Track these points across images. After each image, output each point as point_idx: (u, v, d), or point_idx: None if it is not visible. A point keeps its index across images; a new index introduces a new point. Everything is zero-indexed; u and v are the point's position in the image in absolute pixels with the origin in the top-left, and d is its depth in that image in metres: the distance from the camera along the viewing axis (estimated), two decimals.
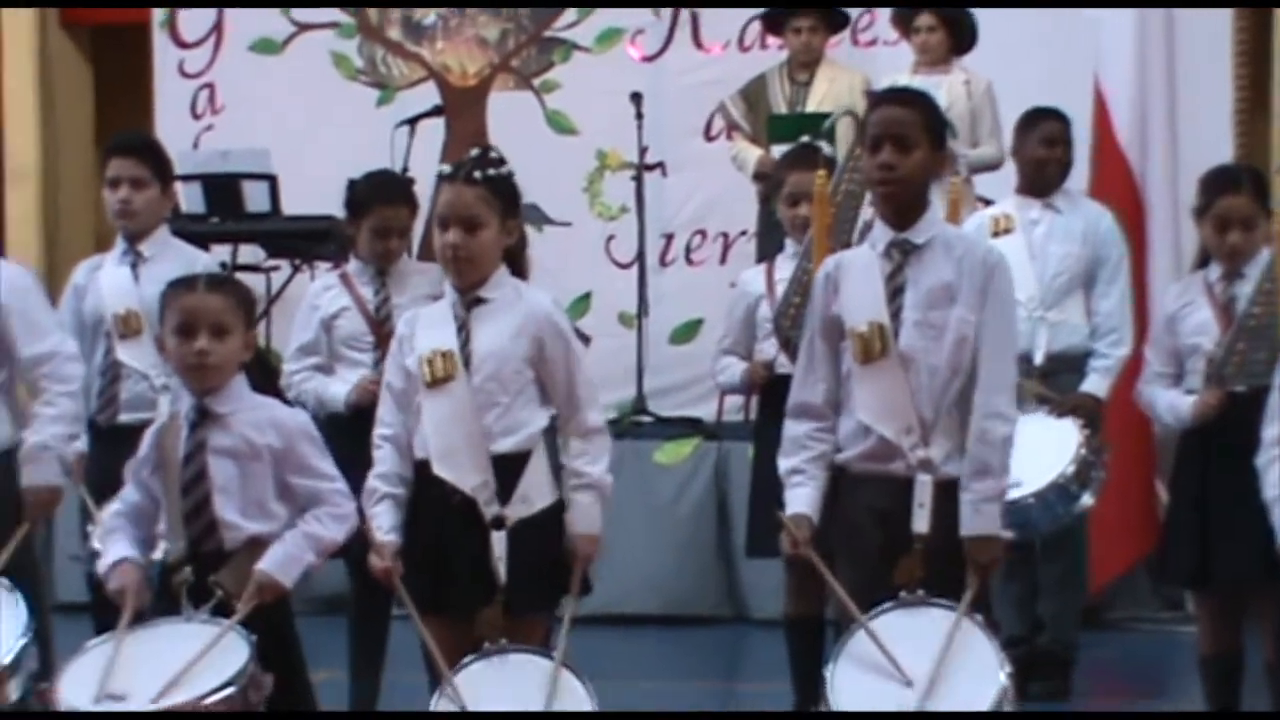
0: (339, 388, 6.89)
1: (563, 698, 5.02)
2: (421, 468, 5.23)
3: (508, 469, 5.22)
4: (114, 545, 4.70)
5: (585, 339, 6.89)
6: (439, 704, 5.00)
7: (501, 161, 5.28)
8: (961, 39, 9.17)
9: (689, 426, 10.13)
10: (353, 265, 7.14)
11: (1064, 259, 7.56)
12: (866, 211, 6.42)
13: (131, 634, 4.53)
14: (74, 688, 4.45)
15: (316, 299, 7.10)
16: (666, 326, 10.77)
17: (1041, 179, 7.61)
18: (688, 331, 10.77)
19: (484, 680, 5.06)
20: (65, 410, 5.56)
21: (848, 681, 4.82)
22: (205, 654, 4.48)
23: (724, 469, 9.83)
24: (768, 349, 6.91)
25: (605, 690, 5.06)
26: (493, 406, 5.21)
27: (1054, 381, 7.29)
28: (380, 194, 7.01)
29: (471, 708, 4.96)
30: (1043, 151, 7.61)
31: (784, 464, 5.13)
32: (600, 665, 5.19)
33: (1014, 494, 5.76)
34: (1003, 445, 5.00)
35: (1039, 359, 7.31)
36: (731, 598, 9.89)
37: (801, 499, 5.07)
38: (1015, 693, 4.82)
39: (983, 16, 9.26)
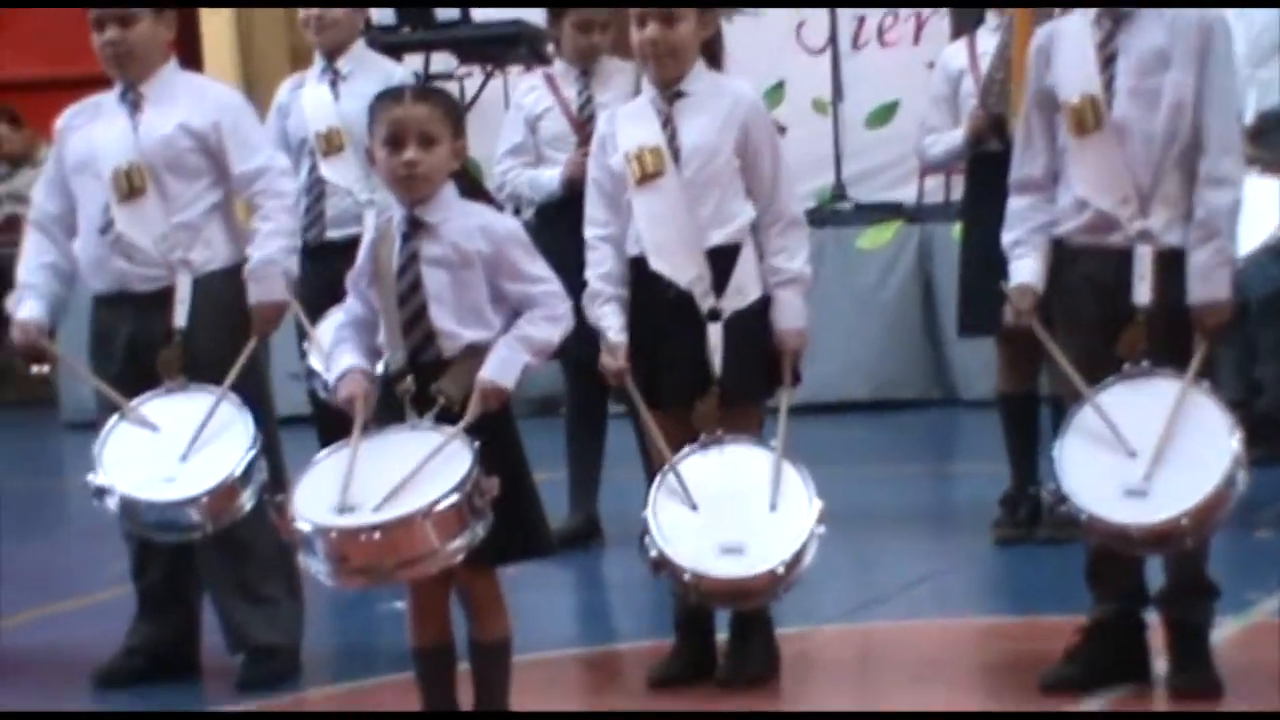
0: (551, 173, 6.95)
1: (785, 487, 5.06)
2: (635, 264, 5.27)
3: (721, 261, 5.24)
4: (342, 356, 4.76)
5: (780, 129, 6.86)
6: (662, 494, 5.05)
7: None
8: None
9: (890, 211, 10.08)
10: (557, 66, 7.17)
11: (1272, 15, 7.38)
12: None
13: (363, 444, 4.61)
14: (308, 501, 4.55)
15: (521, 99, 7.18)
16: (862, 110, 10.68)
17: None
18: (884, 114, 10.66)
19: (702, 471, 5.11)
20: (284, 225, 5.63)
21: (1077, 457, 4.82)
22: (430, 461, 4.55)
23: (927, 251, 9.79)
24: (959, 138, 6.82)
25: (817, 478, 5.10)
26: (705, 199, 5.22)
27: (1264, 141, 7.15)
28: None
29: (692, 496, 5.01)
30: None
31: (1007, 237, 5.10)
32: (810, 452, 5.22)
33: None
34: (1230, 210, 4.93)
35: (1248, 118, 7.16)
36: (940, 380, 9.89)
37: (1025, 270, 5.04)
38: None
39: None
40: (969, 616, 6.13)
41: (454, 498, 4.50)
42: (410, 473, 4.52)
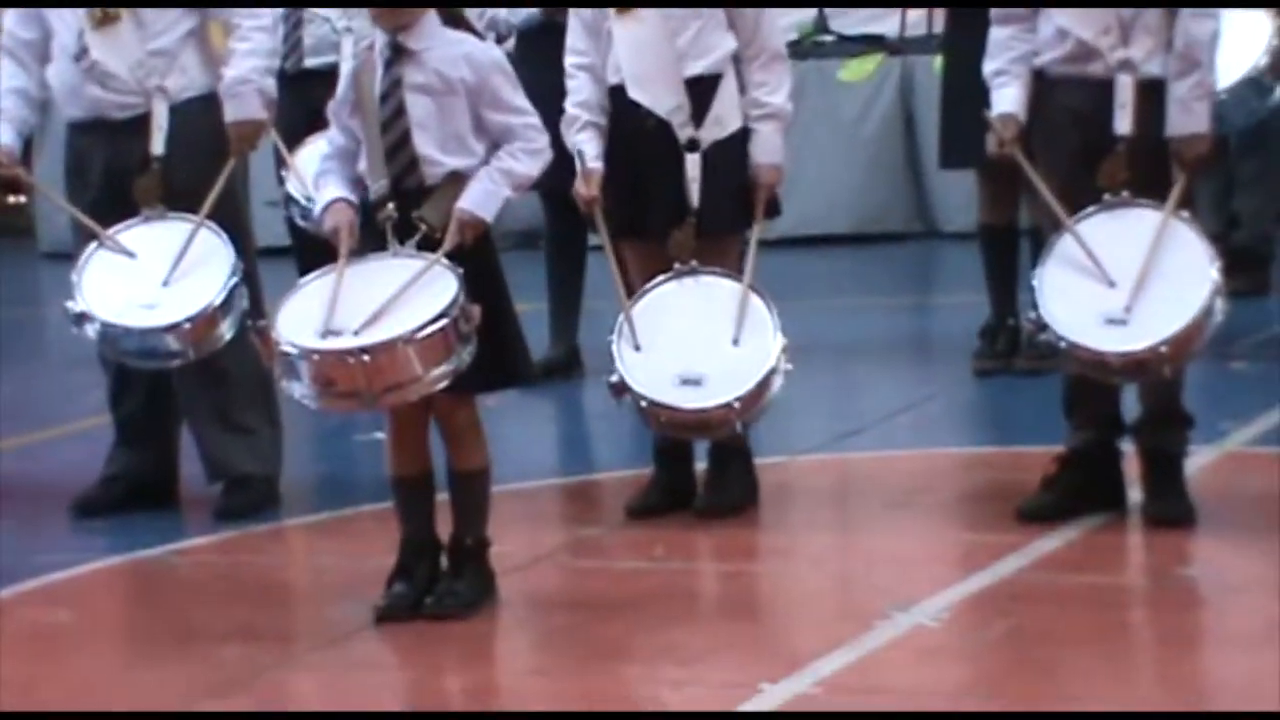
0: None
1: (748, 320, 5.07)
2: (614, 93, 5.24)
3: (700, 92, 5.22)
4: (326, 187, 4.76)
5: None
6: (620, 341, 5.07)
7: None
8: None
9: (872, 43, 10.02)
10: None
11: None
12: None
13: (347, 270, 4.61)
14: (293, 325, 4.55)
15: None
16: None
17: None
18: None
19: (674, 299, 5.12)
20: (260, 44, 5.58)
21: (1058, 285, 4.83)
22: (412, 285, 4.55)
23: (909, 83, 9.75)
24: None
25: (797, 311, 5.11)
26: (684, 29, 5.19)
27: None
28: None
29: (657, 330, 5.02)
30: None
31: (989, 66, 5.09)
32: (793, 285, 5.25)
33: None
34: (1210, 40, 4.93)
35: None
36: (921, 212, 9.89)
37: (1007, 99, 5.03)
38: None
39: None
40: (947, 446, 6.17)
41: (441, 322, 4.51)
42: (391, 296, 4.53)
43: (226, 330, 5.40)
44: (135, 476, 5.77)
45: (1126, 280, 4.78)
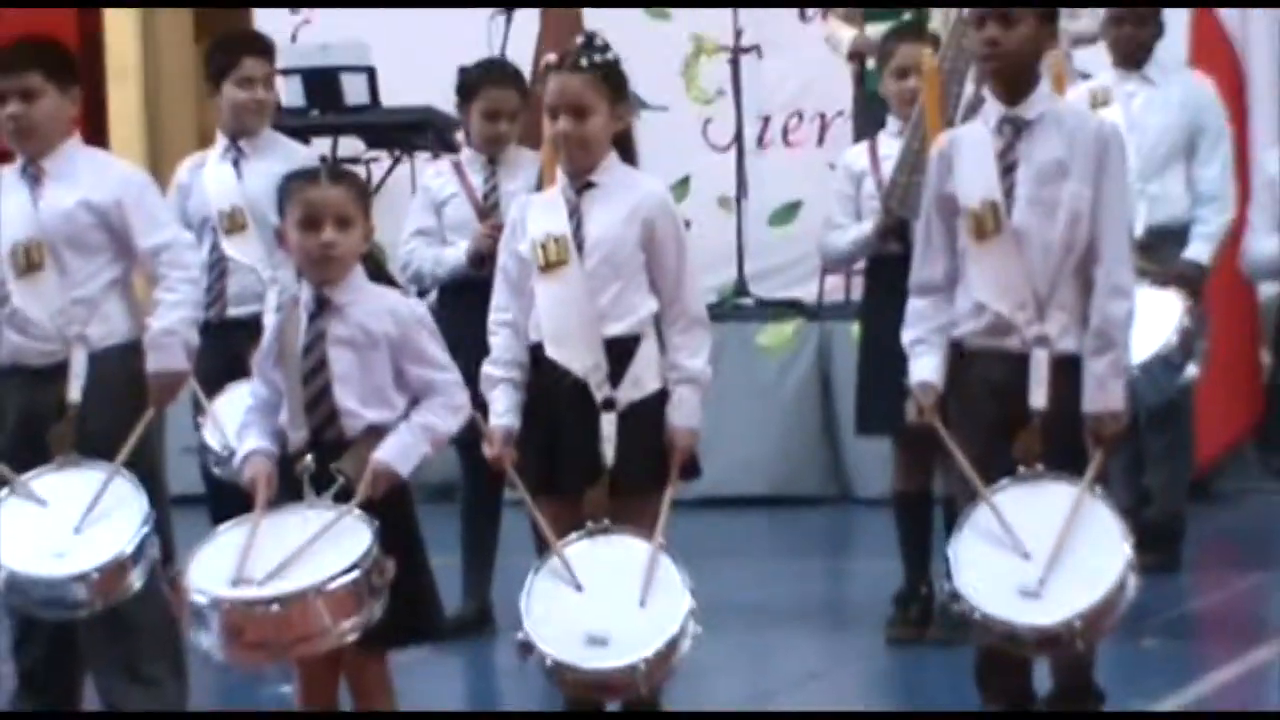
0: (455, 251, 7.00)
1: (657, 581, 5.06)
2: (535, 350, 5.28)
3: (619, 352, 5.24)
4: (247, 439, 4.77)
5: (685, 223, 6.90)
6: (542, 577, 5.04)
7: (607, 48, 5.29)
8: None
9: (790, 308, 10.14)
10: (465, 154, 7.24)
11: (1164, 131, 7.52)
12: (969, 89, 6.39)
13: (255, 520, 4.59)
14: (204, 574, 4.52)
15: (429, 183, 7.27)
16: (765, 209, 10.74)
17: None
18: (787, 214, 10.73)
19: (585, 558, 5.10)
20: (187, 296, 5.61)
21: (972, 555, 4.86)
22: (324, 536, 4.54)
23: (827, 349, 9.84)
24: (868, 229, 6.88)
25: (712, 571, 5.10)
26: (605, 290, 5.23)
27: (1154, 254, 7.22)
28: (489, 77, 7.16)
29: (580, 582, 5.00)
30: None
31: (907, 335, 5.16)
32: (706, 546, 5.25)
33: None
34: (1125, 320, 5.03)
35: (1138, 232, 7.23)
36: (837, 477, 9.91)
37: (926, 368, 5.10)
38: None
39: None
40: (859, 713, 6.14)
41: (354, 574, 4.50)
42: (300, 547, 4.52)
43: (136, 580, 5.33)
44: None
45: (1041, 553, 4.81)
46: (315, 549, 4.54)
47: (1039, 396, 4.98)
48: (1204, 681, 6.19)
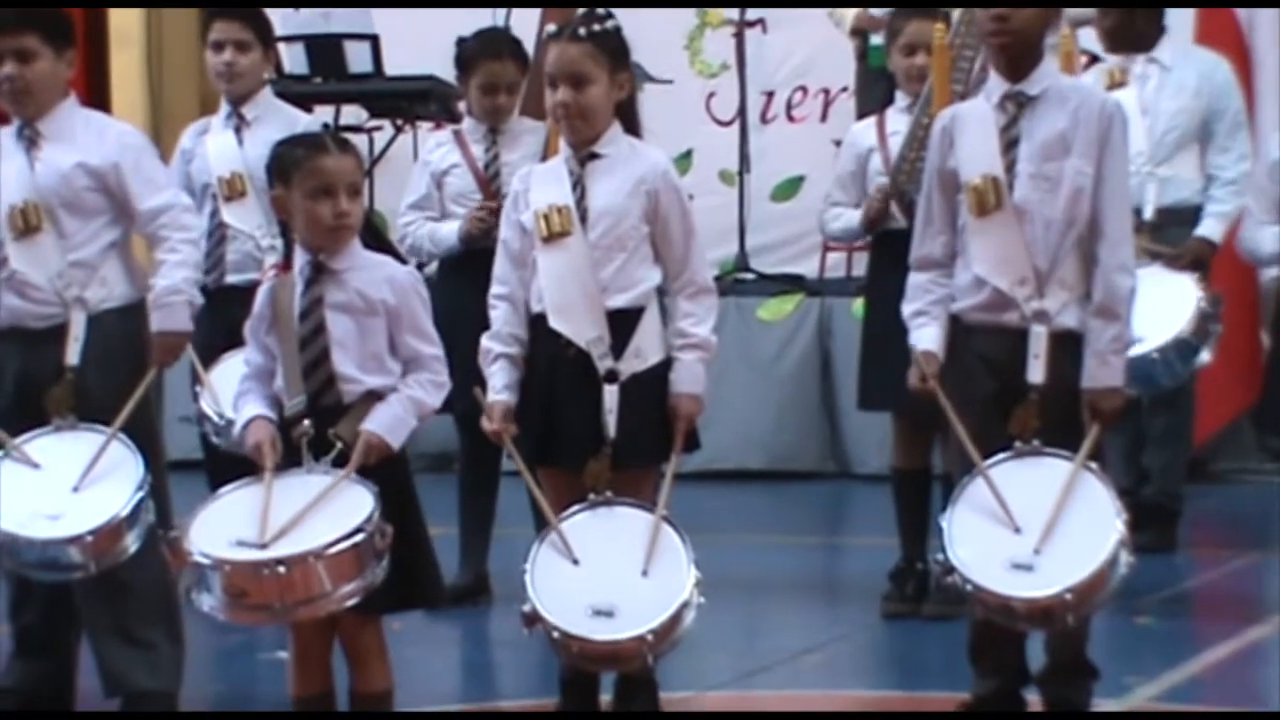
0: (450, 228, 6.98)
1: (661, 551, 5.07)
2: (537, 321, 5.27)
3: (622, 324, 5.24)
4: (246, 405, 4.79)
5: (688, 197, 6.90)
6: (543, 551, 5.05)
7: (608, 16, 5.28)
8: None
9: (791, 283, 10.14)
10: (466, 124, 7.23)
11: (1176, 114, 7.51)
12: (978, 67, 6.38)
13: (267, 483, 4.61)
14: (205, 535, 4.53)
15: (429, 155, 7.23)
16: (768, 184, 10.74)
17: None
18: (789, 188, 10.74)
19: (587, 530, 5.11)
20: (189, 256, 5.60)
21: (966, 528, 4.86)
22: (326, 500, 4.55)
23: (827, 324, 9.85)
24: (856, 219, 6.89)
25: (709, 545, 5.10)
26: (608, 262, 5.22)
27: (1162, 235, 7.24)
28: (487, 49, 7.13)
29: (576, 556, 5.01)
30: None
31: (907, 308, 5.17)
32: (704, 520, 5.24)
33: (1137, 350, 5.77)
34: (1128, 297, 5.02)
35: (1148, 214, 7.25)
36: (835, 453, 9.93)
37: (927, 337, 5.11)
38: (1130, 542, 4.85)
39: None
40: (853, 689, 6.15)
41: (357, 537, 4.52)
42: (301, 510, 4.53)
43: (131, 544, 5.33)
44: (31, 688, 5.67)
45: (1034, 528, 4.81)
46: (318, 512, 4.56)
47: (1037, 371, 4.98)
48: (1199, 659, 6.20)
